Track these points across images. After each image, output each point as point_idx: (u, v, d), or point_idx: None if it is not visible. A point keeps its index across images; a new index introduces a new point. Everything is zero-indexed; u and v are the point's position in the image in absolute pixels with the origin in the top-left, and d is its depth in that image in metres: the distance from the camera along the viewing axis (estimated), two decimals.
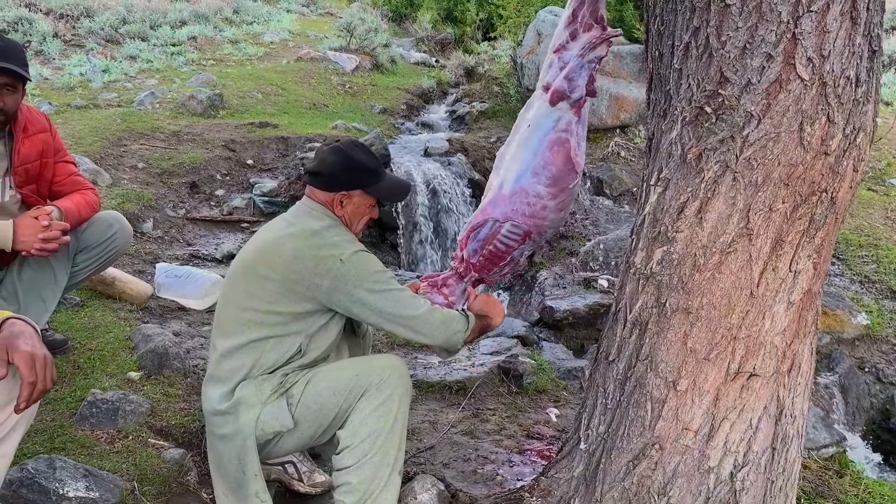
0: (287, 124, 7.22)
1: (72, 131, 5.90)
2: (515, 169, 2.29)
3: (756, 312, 1.86)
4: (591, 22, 2.24)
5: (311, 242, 2.12)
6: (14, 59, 2.45)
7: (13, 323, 1.53)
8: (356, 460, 2.05)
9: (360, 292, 2.09)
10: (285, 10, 14.72)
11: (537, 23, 7.65)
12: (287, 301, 2.11)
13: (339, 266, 2.08)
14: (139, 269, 4.16)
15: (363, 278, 2.10)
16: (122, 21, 10.96)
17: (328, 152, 2.27)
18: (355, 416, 2.07)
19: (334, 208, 2.23)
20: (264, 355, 2.13)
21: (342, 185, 2.22)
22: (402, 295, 2.15)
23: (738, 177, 1.79)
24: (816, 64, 1.68)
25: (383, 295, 2.11)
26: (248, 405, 2.09)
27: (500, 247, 2.38)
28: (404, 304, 2.14)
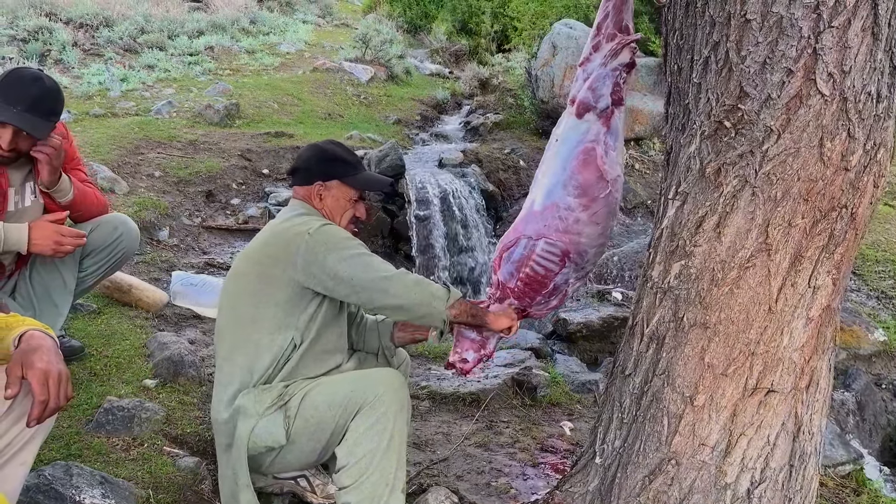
0: (302, 134, 7.26)
1: (90, 139, 5.95)
2: (545, 184, 2.26)
3: (774, 328, 1.85)
4: (614, 31, 2.23)
5: (281, 227, 2.19)
6: (41, 110, 2.44)
7: (32, 336, 1.53)
8: (353, 480, 2.02)
9: (331, 261, 2.08)
10: (301, 21, 14.83)
11: (552, 35, 7.66)
12: (268, 291, 2.13)
13: (308, 239, 2.10)
14: (155, 276, 4.18)
15: (331, 246, 2.09)
16: (141, 31, 11.08)
17: (304, 149, 2.36)
18: (350, 434, 2.04)
19: (313, 201, 2.27)
20: (260, 354, 2.13)
21: (317, 175, 2.26)
22: (371, 259, 2.13)
23: (757, 192, 1.79)
24: (837, 79, 1.68)
25: (353, 261, 2.09)
26: (245, 415, 2.09)
27: (538, 269, 2.25)
28: (374, 267, 2.10)
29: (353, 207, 2.31)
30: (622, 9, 2.23)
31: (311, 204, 2.28)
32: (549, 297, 2.31)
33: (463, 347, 2.37)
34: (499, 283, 2.33)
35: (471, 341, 2.36)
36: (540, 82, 7.61)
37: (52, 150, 2.52)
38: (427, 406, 3.13)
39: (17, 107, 2.39)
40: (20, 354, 1.48)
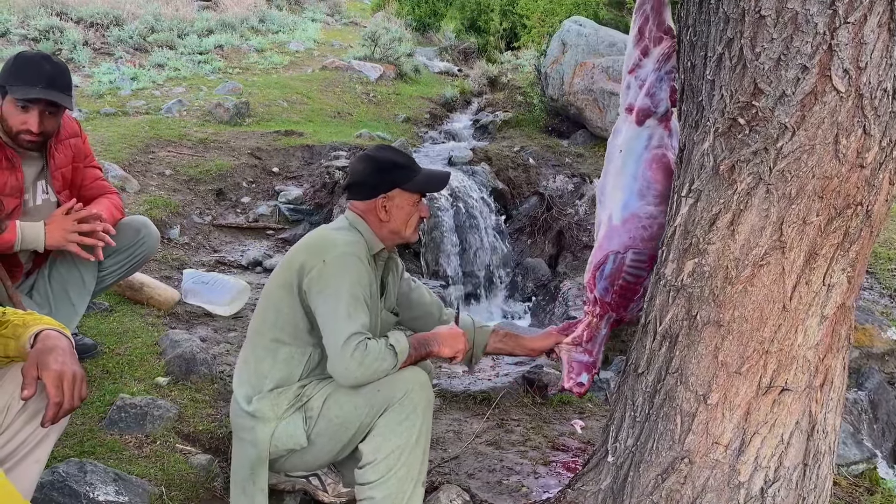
0: (312, 132, 7.27)
1: (101, 138, 5.98)
2: (619, 198, 2.25)
3: (789, 326, 1.84)
4: (660, 35, 2.21)
5: (315, 238, 2.15)
6: (59, 85, 2.49)
7: (47, 336, 1.54)
8: (380, 475, 2.03)
9: (322, 293, 2.03)
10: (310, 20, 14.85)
11: (562, 33, 7.64)
12: (290, 300, 2.10)
13: (321, 265, 2.06)
14: (166, 274, 4.20)
15: (331, 281, 2.03)
16: (151, 30, 11.12)
17: (356, 162, 2.27)
18: (378, 430, 2.04)
19: (378, 214, 2.19)
20: (277, 363, 2.12)
21: (378, 188, 2.19)
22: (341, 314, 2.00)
23: (771, 189, 1.77)
24: (853, 76, 1.67)
25: (330, 298, 2.01)
26: (264, 420, 2.09)
27: (629, 279, 2.28)
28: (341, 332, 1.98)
29: (417, 210, 2.25)
30: (661, 10, 2.21)
31: (372, 217, 2.20)
32: (640, 299, 2.34)
33: (576, 372, 2.43)
34: (595, 300, 2.36)
35: (582, 364, 2.41)
36: (550, 80, 7.59)
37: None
38: (438, 404, 3.12)
39: (39, 85, 2.44)
40: (36, 355, 1.49)
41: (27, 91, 2.43)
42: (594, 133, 7.20)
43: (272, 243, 5.26)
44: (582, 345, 2.43)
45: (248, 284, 4.10)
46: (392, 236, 2.24)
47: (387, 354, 2.02)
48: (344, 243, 2.11)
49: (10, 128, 2.48)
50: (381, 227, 2.22)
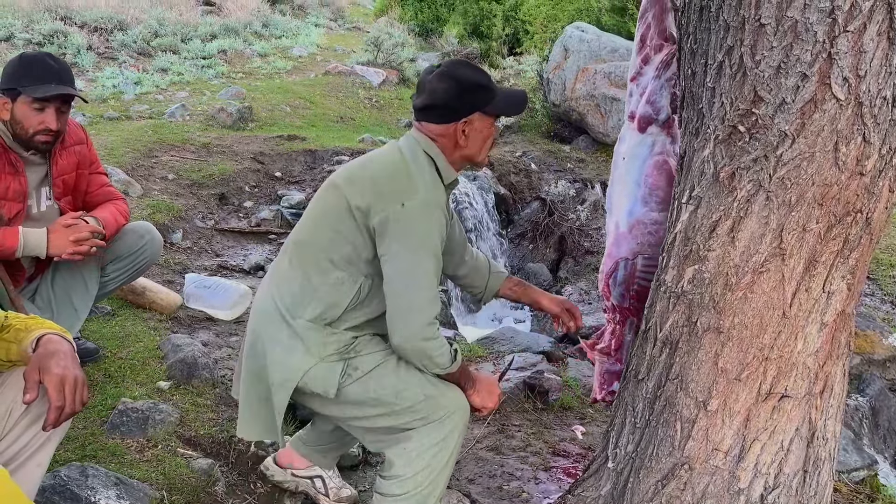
0: (314, 137, 7.29)
1: (104, 142, 6.00)
2: (624, 205, 2.26)
3: (788, 333, 1.84)
4: (660, 42, 2.22)
5: (394, 170, 2.01)
6: (68, 81, 2.52)
7: (49, 340, 1.55)
8: (404, 492, 2.01)
9: (397, 243, 1.93)
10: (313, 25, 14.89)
11: (564, 38, 7.66)
12: (345, 222, 2.00)
13: (399, 209, 1.93)
14: (168, 278, 4.21)
15: (410, 232, 1.93)
16: (154, 34, 11.16)
17: (435, 80, 2.05)
18: (413, 445, 2.00)
19: (457, 139, 2.06)
20: (327, 285, 2.01)
21: (460, 112, 2.04)
22: (425, 275, 1.94)
23: (771, 196, 1.78)
24: (852, 84, 1.67)
25: (408, 260, 1.93)
26: (307, 351, 2.00)
27: (643, 283, 2.26)
28: (413, 292, 1.92)
29: (492, 132, 2.11)
30: (663, 18, 2.22)
31: (448, 142, 2.06)
32: None
33: (608, 383, 2.45)
34: (614, 308, 2.37)
35: (613, 373, 2.43)
36: (552, 85, 7.60)
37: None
38: None
39: (52, 82, 2.45)
40: (37, 359, 1.50)
41: (45, 89, 2.43)
42: (596, 138, 7.22)
43: (274, 248, 5.27)
44: (611, 354, 2.43)
45: (250, 289, 4.10)
46: (463, 161, 2.12)
47: (446, 358, 1.99)
48: (425, 188, 1.98)
49: (26, 130, 2.48)
50: (454, 152, 2.09)
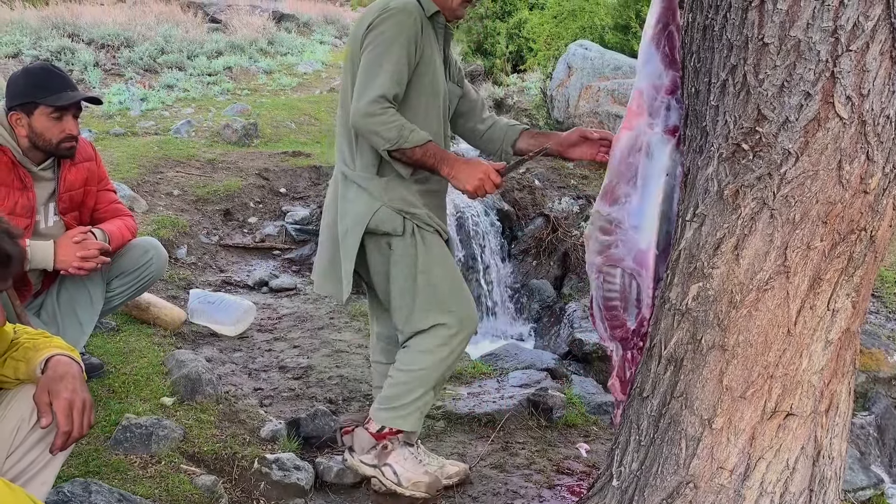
0: (319, 153, 7.32)
1: (110, 158, 6.03)
2: (665, 227, 2.21)
3: (793, 351, 1.84)
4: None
5: (373, 5, 2.26)
6: (76, 86, 2.58)
7: (58, 362, 1.56)
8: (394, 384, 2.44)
9: (369, 45, 2.20)
10: (318, 42, 14.99)
11: (568, 56, 7.70)
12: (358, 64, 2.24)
13: (376, 19, 2.21)
14: (173, 294, 4.22)
15: (379, 36, 2.18)
16: (161, 51, 11.25)
17: None
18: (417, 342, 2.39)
19: None
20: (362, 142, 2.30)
21: None
22: (383, 62, 2.17)
23: (775, 214, 1.79)
24: (855, 102, 1.68)
25: (371, 56, 2.19)
26: (370, 196, 2.30)
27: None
28: (371, 74, 2.17)
29: None
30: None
31: None
32: None
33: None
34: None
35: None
36: (556, 102, 7.64)
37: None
38: (442, 426, 3.12)
39: (68, 89, 2.51)
40: (47, 382, 1.51)
41: (65, 97, 2.50)
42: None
43: (278, 263, 5.28)
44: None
45: (254, 304, 4.11)
46: (443, 1, 2.30)
47: (395, 129, 2.17)
48: (397, 3, 2.21)
49: (49, 140, 2.53)
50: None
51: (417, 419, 2.51)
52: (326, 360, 3.65)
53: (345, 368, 3.55)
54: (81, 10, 13.10)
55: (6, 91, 2.56)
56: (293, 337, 3.94)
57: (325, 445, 2.86)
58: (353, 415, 3.09)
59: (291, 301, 4.53)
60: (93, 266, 2.57)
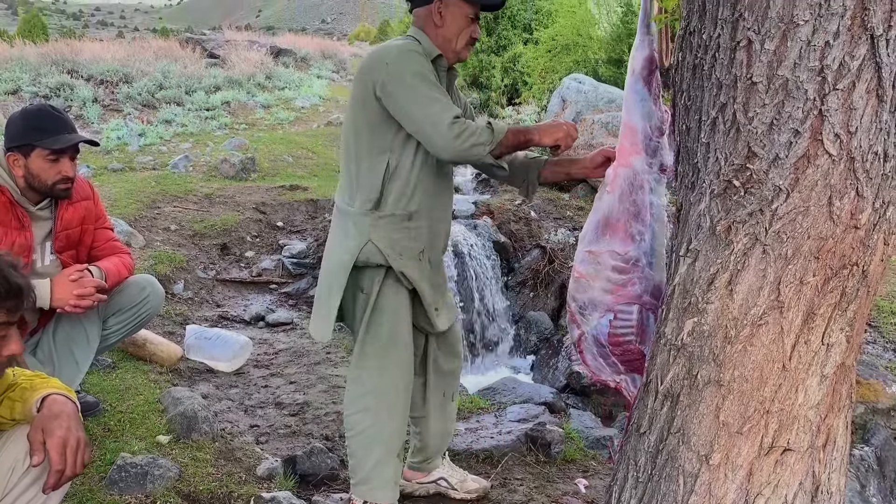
0: (316, 187, 7.36)
1: (108, 194, 6.06)
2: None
3: (789, 386, 1.84)
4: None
5: (374, 50, 2.33)
6: (74, 128, 2.61)
7: (54, 401, 1.56)
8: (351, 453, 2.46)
9: (397, 91, 2.19)
10: (316, 77, 15.16)
11: (562, 90, 7.79)
12: (363, 109, 2.28)
13: (385, 69, 2.21)
14: (169, 330, 4.21)
15: (400, 78, 2.20)
16: (159, 87, 11.36)
17: None
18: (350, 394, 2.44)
19: (433, 18, 2.31)
20: (362, 173, 2.32)
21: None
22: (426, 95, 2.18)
23: (767, 249, 1.80)
24: (844, 140, 1.70)
25: (409, 98, 2.18)
26: (358, 233, 2.32)
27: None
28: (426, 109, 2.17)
29: (469, 27, 2.33)
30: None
31: (428, 23, 2.32)
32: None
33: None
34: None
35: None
36: None
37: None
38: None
39: (65, 132, 2.53)
40: (41, 420, 1.51)
41: (61, 140, 2.52)
42: (594, 186, 7.28)
43: (275, 297, 5.28)
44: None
45: (251, 340, 4.11)
46: (444, 43, 2.33)
47: (484, 132, 2.19)
48: (397, 47, 2.27)
49: (45, 182, 2.55)
50: (436, 34, 2.32)
51: (391, 491, 2.45)
52: (323, 395, 3.64)
53: (341, 404, 3.52)
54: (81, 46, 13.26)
55: (5, 132, 2.59)
56: (289, 372, 3.93)
57: (322, 483, 2.85)
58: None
59: (288, 336, 4.52)
60: (89, 304, 2.58)
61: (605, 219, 2.40)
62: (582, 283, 2.44)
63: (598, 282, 2.40)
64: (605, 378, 2.45)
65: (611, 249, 2.39)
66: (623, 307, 2.39)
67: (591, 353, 2.43)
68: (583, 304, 2.44)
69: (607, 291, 2.40)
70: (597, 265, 2.41)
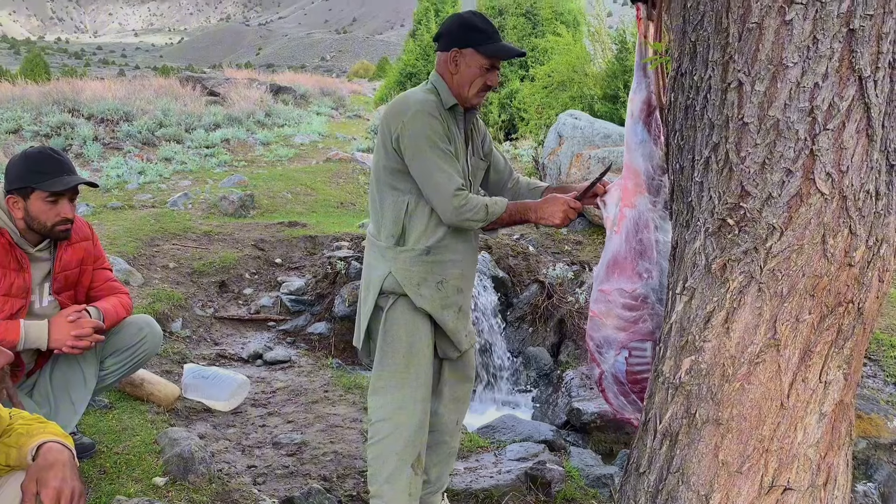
0: (315, 223, 7.39)
1: (107, 232, 6.08)
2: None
3: (788, 424, 1.84)
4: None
5: (396, 101, 2.48)
6: (74, 170, 2.63)
7: (49, 449, 1.55)
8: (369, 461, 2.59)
9: (409, 151, 2.39)
10: (315, 114, 15.29)
11: (558, 126, 7.86)
12: (385, 153, 2.47)
13: (401, 125, 2.39)
14: (167, 369, 4.20)
15: (414, 139, 2.38)
16: (159, 125, 11.46)
17: (449, 18, 2.54)
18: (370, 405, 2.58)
19: (449, 67, 2.47)
20: (386, 209, 2.51)
21: (455, 41, 2.46)
22: (436, 166, 2.38)
23: (763, 287, 1.81)
24: (835, 179, 1.72)
25: (424, 161, 2.38)
26: (384, 263, 2.51)
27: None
28: (434, 176, 2.38)
29: (483, 76, 2.47)
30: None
31: (445, 69, 2.48)
32: None
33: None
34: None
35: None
36: (548, 170, 7.75)
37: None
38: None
39: (63, 174, 2.54)
40: (36, 470, 1.49)
41: (60, 182, 2.54)
42: (592, 221, 7.31)
43: (273, 335, 5.27)
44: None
45: (248, 378, 4.09)
46: (458, 89, 2.48)
47: (480, 210, 2.40)
48: (416, 103, 2.42)
49: (44, 223, 2.57)
50: (451, 80, 2.49)
51: (406, 501, 2.53)
52: (321, 435, 3.61)
53: (339, 444, 3.51)
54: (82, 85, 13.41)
55: (5, 174, 2.61)
56: (287, 411, 3.90)
57: None
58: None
59: (286, 374, 4.50)
60: (87, 345, 2.58)
61: (614, 258, 2.44)
62: (596, 322, 2.47)
63: (610, 319, 2.43)
64: (629, 416, 2.46)
65: (619, 288, 2.43)
66: (637, 344, 2.42)
67: (613, 392, 2.44)
68: (599, 343, 2.47)
69: (620, 329, 2.42)
70: (608, 303, 2.44)
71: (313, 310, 5.64)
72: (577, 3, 15.03)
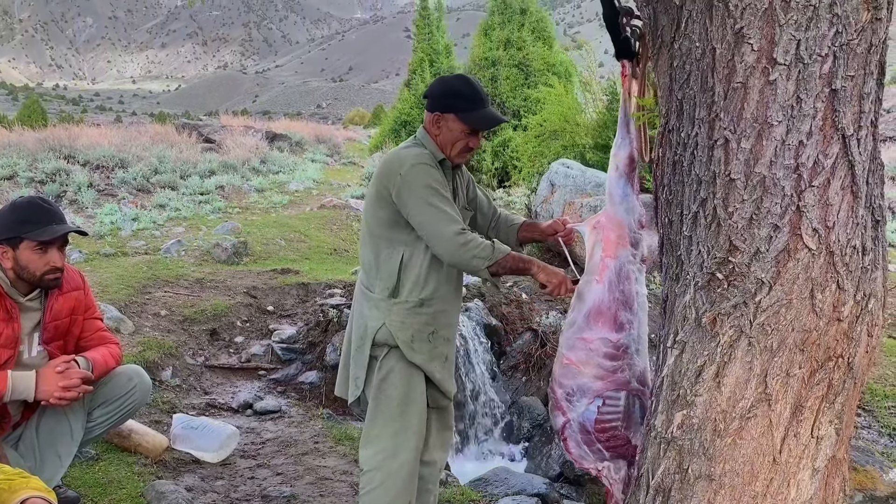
0: (308, 270, 7.38)
1: (99, 279, 6.06)
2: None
3: (780, 480, 1.82)
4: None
5: (390, 158, 2.55)
6: (63, 219, 2.64)
7: None
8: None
9: (410, 203, 2.44)
10: (310, 161, 15.41)
11: (550, 174, 7.94)
12: (381, 208, 2.52)
13: (399, 179, 2.45)
14: (156, 418, 4.14)
15: (412, 189, 2.43)
16: (154, 171, 11.52)
17: (436, 80, 2.66)
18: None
19: (432, 127, 2.56)
20: (381, 262, 2.55)
21: (437, 106, 2.55)
22: (437, 213, 2.42)
23: (753, 342, 1.81)
24: (822, 234, 1.75)
25: (424, 210, 2.43)
26: (378, 315, 2.53)
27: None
28: (436, 223, 2.42)
29: (465, 139, 2.55)
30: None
31: (430, 127, 2.57)
32: None
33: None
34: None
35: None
36: (540, 217, 7.80)
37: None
38: None
39: (53, 223, 2.55)
40: None
41: (48, 232, 2.54)
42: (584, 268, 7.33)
43: (264, 384, 5.22)
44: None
45: (238, 429, 4.04)
46: (443, 149, 2.56)
47: (486, 248, 2.42)
48: (411, 157, 2.49)
49: (34, 273, 2.57)
50: (436, 140, 2.57)
51: None
52: (310, 488, 3.56)
53: (329, 497, 3.45)
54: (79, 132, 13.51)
55: None
56: (276, 463, 3.85)
57: None
58: None
59: (276, 424, 4.45)
60: (74, 396, 2.55)
61: (597, 307, 2.46)
62: (571, 370, 2.46)
63: (589, 368, 2.44)
64: (588, 466, 2.45)
65: (604, 337, 2.44)
66: (612, 393, 2.43)
67: (575, 441, 2.44)
68: (571, 391, 2.46)
69: (598, 378, 2.43)
70: (589, 352, 2.45)
71: (304, 358, 5.59)
72: (569, 56, 15.35)
